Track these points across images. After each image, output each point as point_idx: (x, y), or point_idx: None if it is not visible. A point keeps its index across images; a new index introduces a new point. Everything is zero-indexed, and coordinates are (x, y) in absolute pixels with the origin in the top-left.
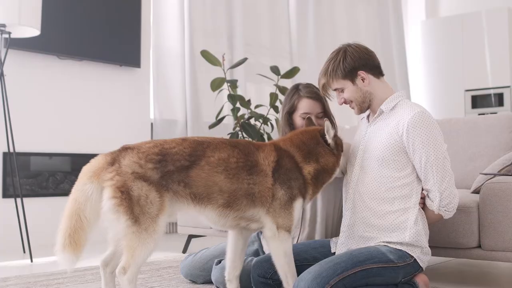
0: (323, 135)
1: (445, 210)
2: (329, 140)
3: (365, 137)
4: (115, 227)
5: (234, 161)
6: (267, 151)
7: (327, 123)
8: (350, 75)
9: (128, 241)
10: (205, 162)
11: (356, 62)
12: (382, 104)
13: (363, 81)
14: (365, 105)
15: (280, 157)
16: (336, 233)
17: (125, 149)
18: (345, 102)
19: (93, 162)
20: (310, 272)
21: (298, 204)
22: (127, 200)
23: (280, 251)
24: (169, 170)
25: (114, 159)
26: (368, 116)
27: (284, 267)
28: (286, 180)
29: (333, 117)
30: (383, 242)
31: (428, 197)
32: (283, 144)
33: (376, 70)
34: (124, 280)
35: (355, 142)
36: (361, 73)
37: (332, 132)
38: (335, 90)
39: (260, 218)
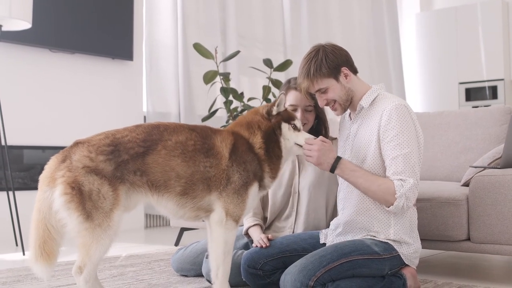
0: (269, 110)
1: (406, 199)
2: (274, 111)
3: (350, 137)
4: (68, 225)
5: (192, 144)
6: (224, 135)
7: (281, 97)
8: (335, 72)
9: (82, 239)
10: (161, 146)
11: (338, 59)
12: (361, 99)
13: (346, 78)
14: (348, 104)
15: (236, 139)
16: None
17: (76, 144)
18: (327, 104)
19: (46, 168)
20: (296, 265)
21: (252, 190)
22: (78, 195)
23: (221, 239)
24: (123, 160)
25: (66, 156)
26: (350, 114)
27: (220, 257)
28: (241, 163)
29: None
30: (369, 235)
31: (401, 179)
32: (233, 127)
33: (353, 66)
34: (81, 280)
35: (341, 143)
36: (344, 70)
37: (281, 107)
38: (317, 91)
39: (213, 205)
